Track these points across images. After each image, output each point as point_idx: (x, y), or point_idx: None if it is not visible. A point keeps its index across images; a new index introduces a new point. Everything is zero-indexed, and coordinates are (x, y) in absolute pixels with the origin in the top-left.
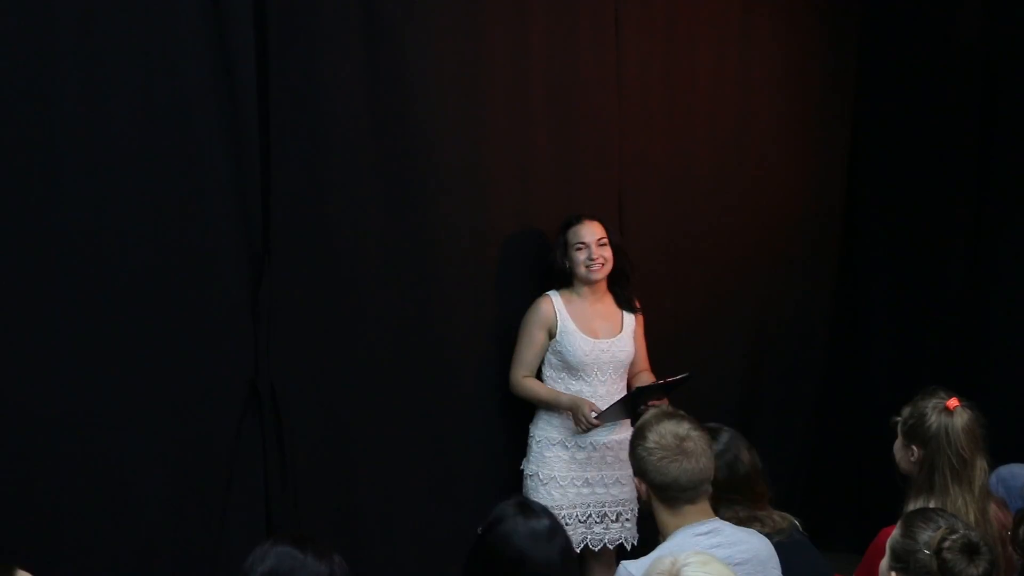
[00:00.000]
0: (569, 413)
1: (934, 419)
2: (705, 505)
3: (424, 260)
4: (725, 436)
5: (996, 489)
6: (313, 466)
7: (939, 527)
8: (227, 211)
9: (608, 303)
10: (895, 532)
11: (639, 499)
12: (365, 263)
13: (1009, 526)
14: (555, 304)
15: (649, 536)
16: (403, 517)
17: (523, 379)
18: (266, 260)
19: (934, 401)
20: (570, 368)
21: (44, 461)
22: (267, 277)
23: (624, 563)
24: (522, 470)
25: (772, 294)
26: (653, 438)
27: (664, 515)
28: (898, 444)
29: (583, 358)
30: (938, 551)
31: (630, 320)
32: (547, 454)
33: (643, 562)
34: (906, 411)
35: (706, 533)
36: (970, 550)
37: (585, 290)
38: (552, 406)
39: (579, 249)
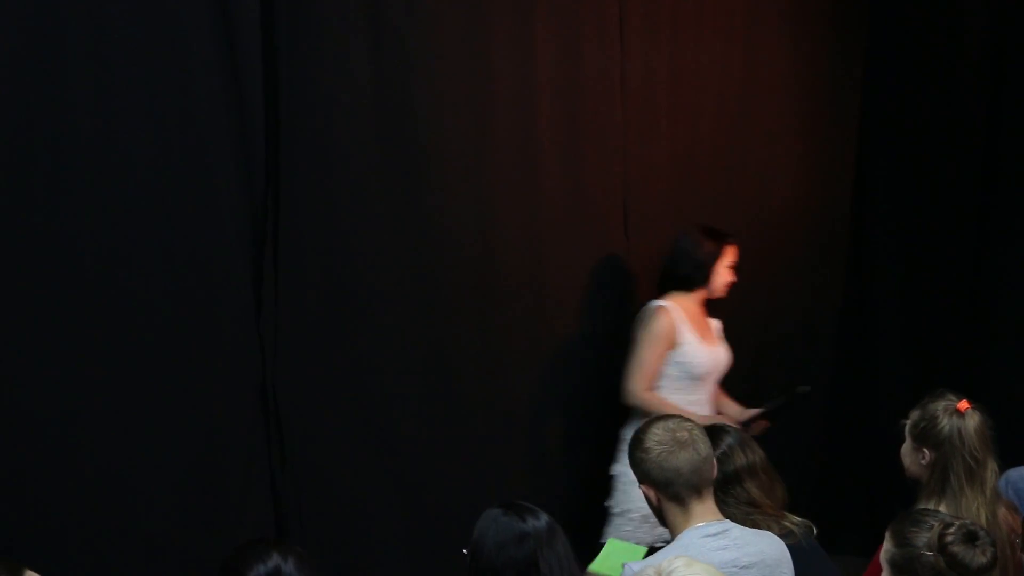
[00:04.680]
0: None
1: (946, 421)
2: (712, 504)
3: (429, 263)
4: (729, 436)
5: (1005, 492)
6: (319, 471)
7: (932, 526)
8: (235, 215)
9: (703, 311)
10: (886, 546)
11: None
12: (371, 266)
13: (1019, 529)
14: (673, 315)
15: None
16: (409, 521)
17: (647, 393)
18: (274, 265)
19: (944, 403)
20: (693, 378)
21: (52, 463)
22: (275, 282)
23: (628, 564)
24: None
25: (779, 295)
26: (647, 441)
27: (674, 516)
28: (907, 447)
29: (708, 367)
30: (942, 548)
31: (717, 325)
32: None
33: (645, 563)
34: (915, 414)
35: (714, 534)
36: (972, 538)
37: (696, 298)
38: None
39: (727, 268)
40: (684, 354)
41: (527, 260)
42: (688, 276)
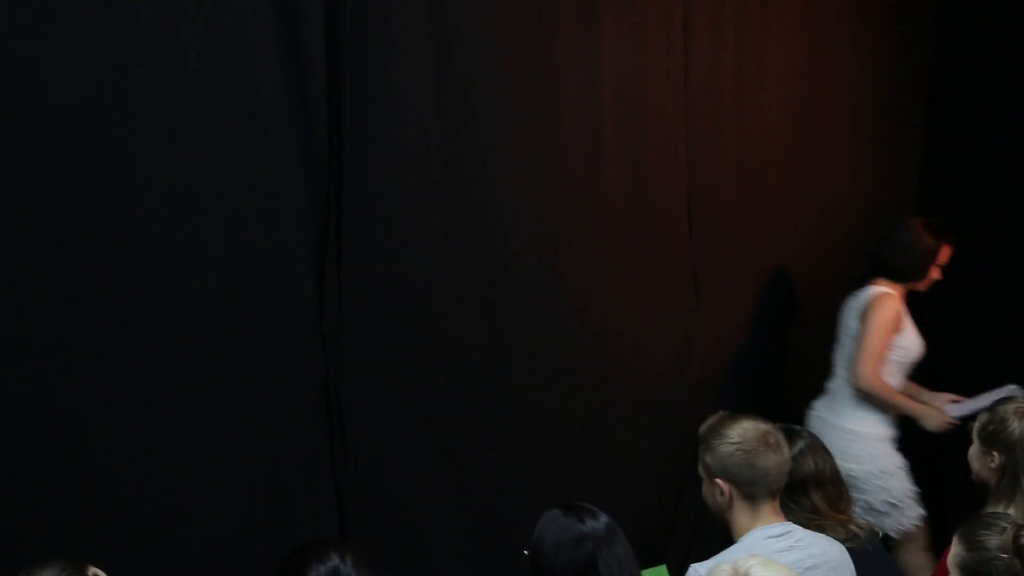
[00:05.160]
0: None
1: (1016, 424)
2: (778, 506)
3: (492, 263)
4: (802, 440)
5: None
6: (381, 471)
7: (1004, 528)
8: (299, 217)
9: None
10: (955, 551)
11: (709, 507)
12: (434, 267)
13: None
14: (896, 301)
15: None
16: (469, 521)
17: (878, 380)
18: (337, 265)
19: (1014, 406)
20: (903, 365)
21: (116, 460)
22: (338, 282)
23: (693, 566)
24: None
25: (843, 297)
26: (734, 436)
27: (741, 515)
28: (975, 450)
29: (918, 355)
30: (1017, 549)
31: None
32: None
33: (711, 563)
34: (984, 417)
35: (778, 536)
36: None
37: (902, 290)
38: (902, 411)
39: (939, 267)
40: (905, 339)
41: (590, 261)
42: (903, 269)
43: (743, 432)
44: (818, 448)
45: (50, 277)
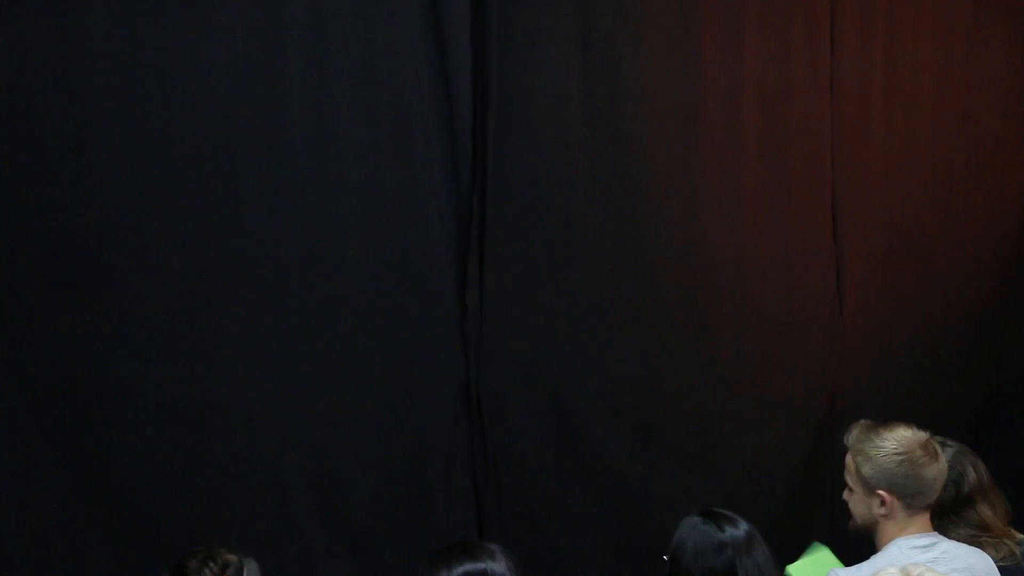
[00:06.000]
0: None
1: None
2: (929, 517)
3: (633, 266)
4: (950, 451)
5: None
6: (520, 471)
7: None
8: (442, 219)
9: None
10: None
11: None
12: (575, 269)
13: None
14: None
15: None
16: (607, 524)
17: None
18: (479, 267)
19: None
20: None
21: (261, 455)
22: (480, 284)
23: (835, 570)
24: None
25: (1001, 303)
26: (893, 446)
27: (890, 526)
28: None
29: None
30: None
31: None
32: None
33: (856, 571)
34: None
35: (923, 547)
36: None
37: None
38: None
39: None
40: None
41: (730, 263)
42: None
43: (903, 441)
44: (970, 455)
45: (196, 275)
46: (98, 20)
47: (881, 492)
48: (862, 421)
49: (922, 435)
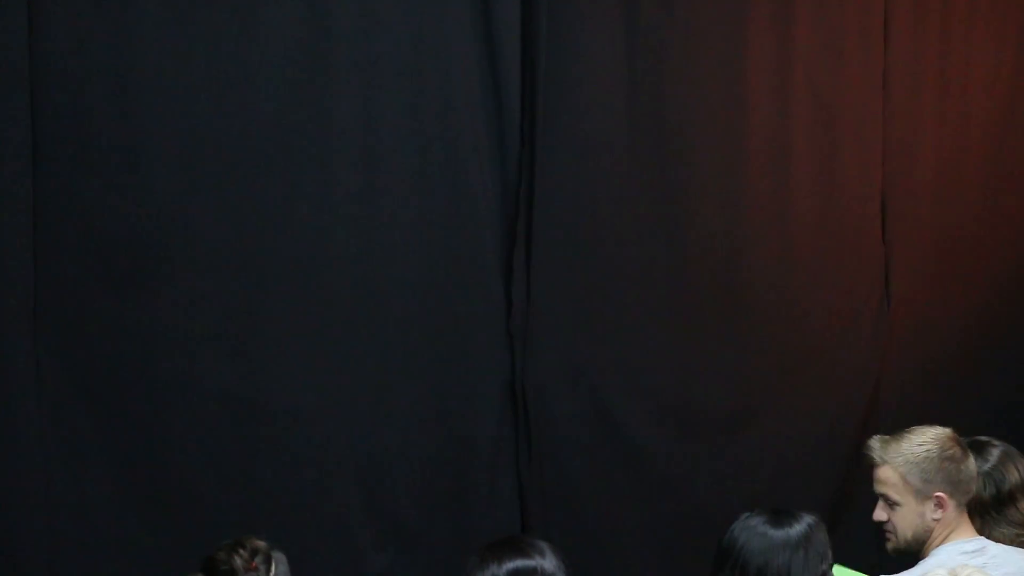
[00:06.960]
0: None
1: None
2: (968, 516)
3: (679, 264)
4: (996, 451)
5: None
6: (565, 467)
7: None
8: (489, 214)
9: None
10: None
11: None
12: (621, 267)
13: None
14: None
15: None
16: (654, 521)
17: None
18: (526, 263)
19: None
20: None
21: (304, 452)
22: (526, 280)
23: None
24: None
25: None
26: (933, 445)
27: (940, 529)
28: None
29: None
30: None
31: None
32: None
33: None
34: None
35: (972, 551)
36: None
37: None
38: None
39: None
40: None
41: (777, 264)
42: None
43: (937, 438)
44: (1015, 454)
45: (245, 269)
46: (152, 20)
47: (939, 494)
48: (876, 436)
49: (946, 430)
